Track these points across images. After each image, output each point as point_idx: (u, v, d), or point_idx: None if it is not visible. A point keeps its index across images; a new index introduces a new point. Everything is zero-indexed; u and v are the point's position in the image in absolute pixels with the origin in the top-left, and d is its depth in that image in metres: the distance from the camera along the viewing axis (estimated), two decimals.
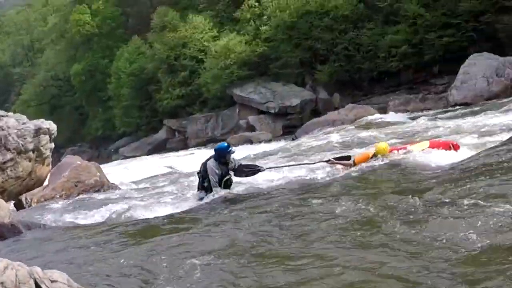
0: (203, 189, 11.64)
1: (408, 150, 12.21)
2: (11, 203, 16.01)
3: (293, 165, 14.54)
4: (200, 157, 16.06)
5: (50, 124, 18.55)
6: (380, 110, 32.75)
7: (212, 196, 11.22)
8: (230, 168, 11.82)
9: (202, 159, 12.15)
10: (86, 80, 63.40)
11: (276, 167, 14.11)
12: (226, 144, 12.17)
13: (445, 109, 29.23)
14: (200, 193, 11.80)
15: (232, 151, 11.83)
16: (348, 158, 12.84)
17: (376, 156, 12.21)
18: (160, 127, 51.35)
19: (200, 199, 11.51)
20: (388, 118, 29.42)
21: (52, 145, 18.85)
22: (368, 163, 12.10)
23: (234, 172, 12.01)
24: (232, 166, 11.86)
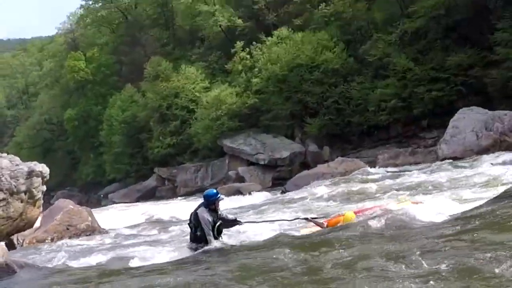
0: (196, 239, 11.35)
1: (374, 211, 12.37)
2: (2, 243, 16.05)
3: (272, 220, 14.64)
4: (189, 206, 16.08)
5: (43, 167, 18.59)
6: (369, 164, 32.81)
7: (208, 246, 10.97)
8: (219, 215, 11.58)
9: (192, 208, 11.99)
10: (79, 126, 64.00)
11: (254, 222, 14.06)
12: (215, 190, 11.84)
13: (434, 163, 29.30)
14: (192, 244, 11.48)
15: (221, 198, 11.64)
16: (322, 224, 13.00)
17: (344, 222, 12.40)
18: (150, 175, 51.28)
19: (195, 249, 11.25)
20: (377, 172, 29.54)
21: (44, 187, 18.83)
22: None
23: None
24: (220, 212, 11.62)
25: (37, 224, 18.37)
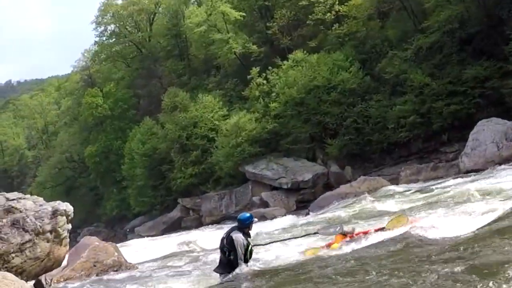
0: (229, 263, 11.27)
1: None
2: (31, 283, 16.18)
3: (283, 240, 14.84)
4: (215, 234, 16.01)
5: (67, 206, 18.85)
6: (392, 181, 32.91)
7: (238, 271, 11.01)
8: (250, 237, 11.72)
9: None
10: (100, 161, 64.11)
11: (264, 244, 14.26)
12: (248, 214, 11.95)
13: (456, 176, 29.23)
14: (222, 269, 11.44)
15: (256, 221, 11.83)
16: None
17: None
18: (174, 206, 51.18)
19: (225, 276, 11.27)
20: (399, 189, 29.54)
21: (69, 226, 19.06)
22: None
23: None
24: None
25: (64, 263, 18.49)
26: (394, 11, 42.04)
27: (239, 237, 11.21)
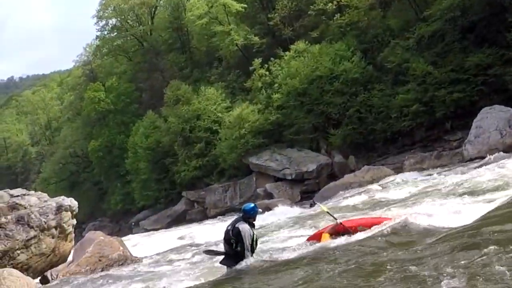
0: (235, 254, 11.05)
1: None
2: (36, 280, 16.21)
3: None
4: (220, 226, 15.92)
5: (71, 201, 18.88)
6: (396, 170, 32.82)
7: (244, 263, 10.86)
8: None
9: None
10: (103, 156, 64.22)
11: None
12: (252, 204, 11.68)
13: (460, 164, 29.18)
14: (228, 261, 11.23)
15: (260, 211, 11.62)
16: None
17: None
18: (178, 199, 51.31)
19: (231, 267, 11.11)
20: (404, 177, 29.47)
21: (74, 221, 19.11)
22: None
23: None
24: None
25: (69, 258, 18.54)
26: (396, 0, 41.85)
27: (246, 227, 11.02)
